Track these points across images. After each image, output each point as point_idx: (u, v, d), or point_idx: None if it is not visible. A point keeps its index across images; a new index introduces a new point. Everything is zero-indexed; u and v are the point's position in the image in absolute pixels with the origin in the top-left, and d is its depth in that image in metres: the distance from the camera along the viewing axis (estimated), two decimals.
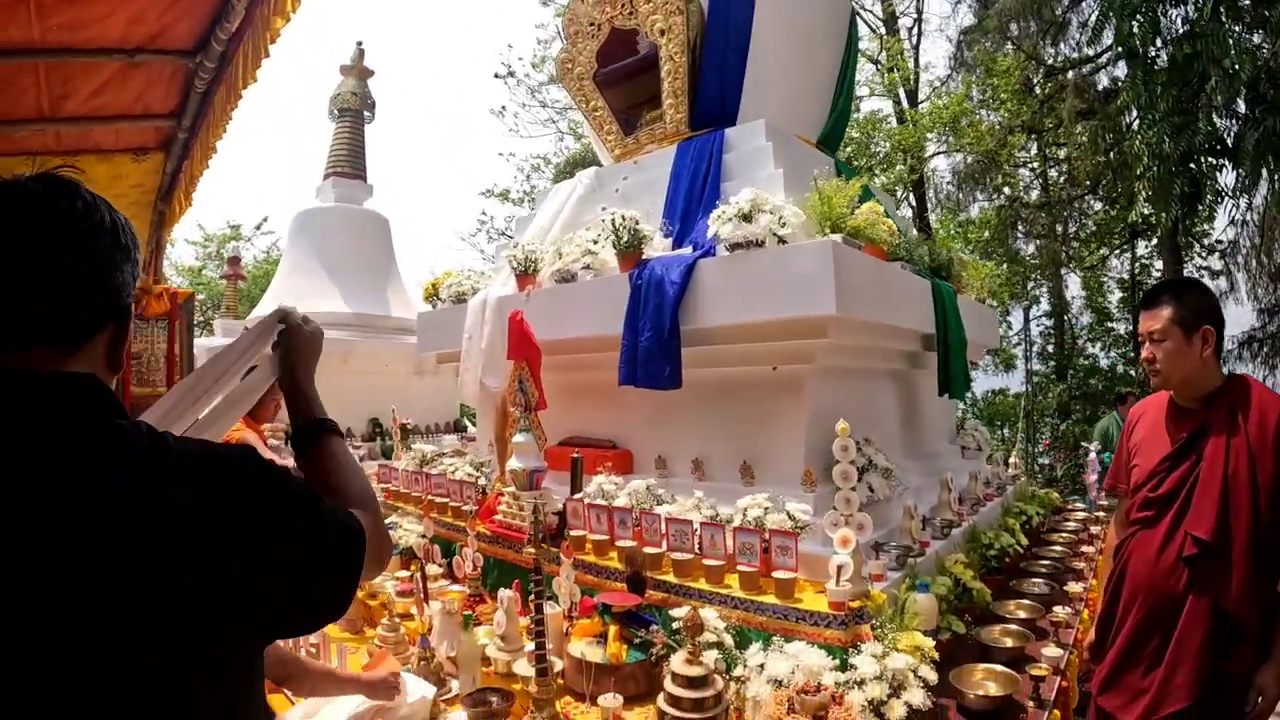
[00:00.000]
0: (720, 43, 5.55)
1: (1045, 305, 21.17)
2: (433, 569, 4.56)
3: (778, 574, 3.26)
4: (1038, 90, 17.82)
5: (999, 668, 3.25)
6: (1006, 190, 19.22)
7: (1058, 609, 3.88)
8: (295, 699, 3.48)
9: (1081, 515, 6.22)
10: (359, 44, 14.21)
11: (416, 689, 3.21)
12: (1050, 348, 21.06)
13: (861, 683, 2.71)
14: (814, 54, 6.08)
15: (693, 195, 5.09)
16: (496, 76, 22.20)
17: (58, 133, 5.08)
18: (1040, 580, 4.56)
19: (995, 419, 20.61)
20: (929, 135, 18.58)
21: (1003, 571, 4.60)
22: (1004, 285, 18.65)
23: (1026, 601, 4.10)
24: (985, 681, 3.19)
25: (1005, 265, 18.67)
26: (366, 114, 14.32)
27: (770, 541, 3.35)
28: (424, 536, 4.74)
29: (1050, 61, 17.20)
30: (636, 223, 4.76)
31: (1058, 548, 5.31)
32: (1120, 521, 3.36)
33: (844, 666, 2.83)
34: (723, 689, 2.78)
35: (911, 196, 19.70)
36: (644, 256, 4.73)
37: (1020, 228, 18.81)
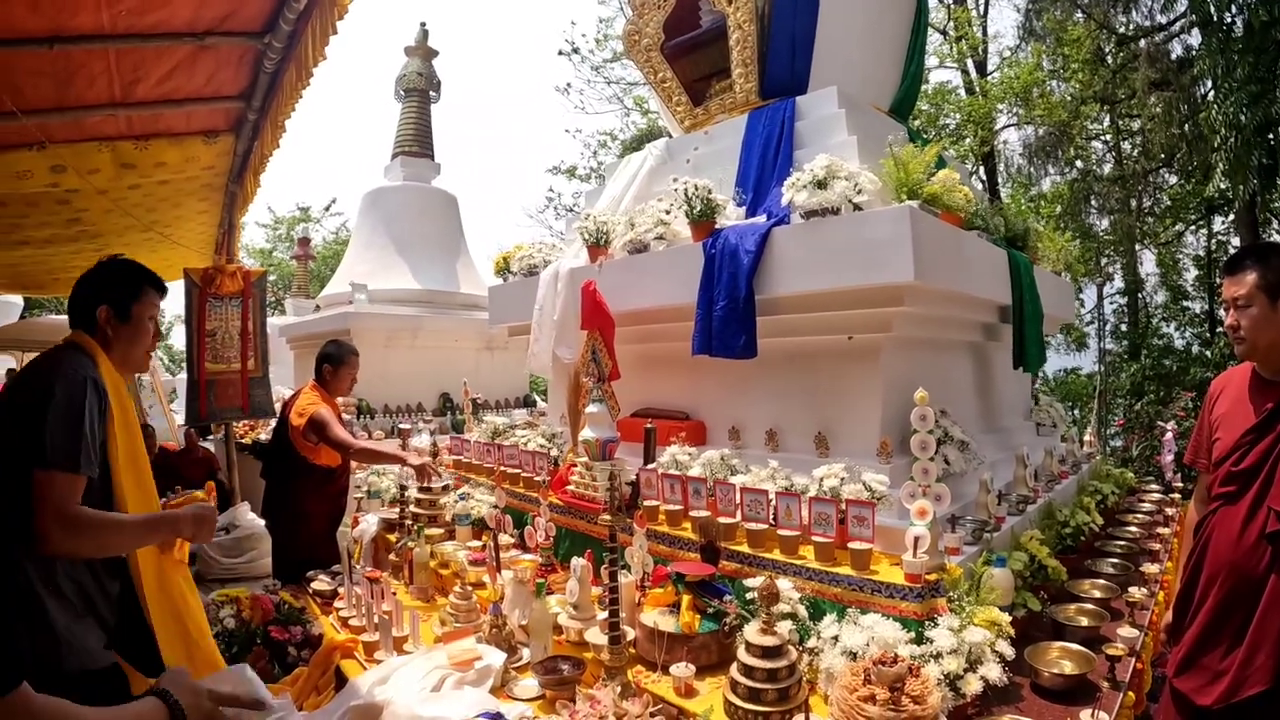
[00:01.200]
0: (789, 10, 5.47)
1: (1119, 282, 20.73)
2: (505, 539, 4.59)
3: (854, 545, 3.23)
4: (1109, 60, 17.39)
5: (1075, 646, 3.23)
6: (1079, 164, 18.81)
7: (1133, 589, 3.81)
8: (367, 664, 3.55)
9: (1157, 496, 6.09)
10: (423, 25, 14.34)
11: (488, 656, 3.25)
12: (1124, 326, 20.62)
13: (938, 656, 2.68)
14: (884, 20, 5.98)
15: (765, 164, 5.05)
16: (560, 54, 22.16)
17: (129, 117, 5.18)
18: (1115, 560, 4.50)
19: (1067, 398, 20.26)
20: (999, 107, 18.22)
21: (1077, 550, 4.53)
22: (1077, 261, 18.30)
23: (1102, 581, 4.04)
24: (1061, 660, 3.17)
25: (1078, 241, 18.30)
26: (432, 94, 14.45)
27: (847, 512, 3.32)
28: (496, 507, 4.79)
29: (1122, 30, 16.76)
30: (709, 192, 4.73)
31: (1133, 528, 5.21)
32: (1200, 498, 3.24)
33: (919, 640, 2.80)
34: (796, 659, 2.75)
35: (982, 170, 19.36)
36: (717, 226, 4.72)
37: (1093, 202, 18.43)
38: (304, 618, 4.28)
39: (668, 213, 5.04)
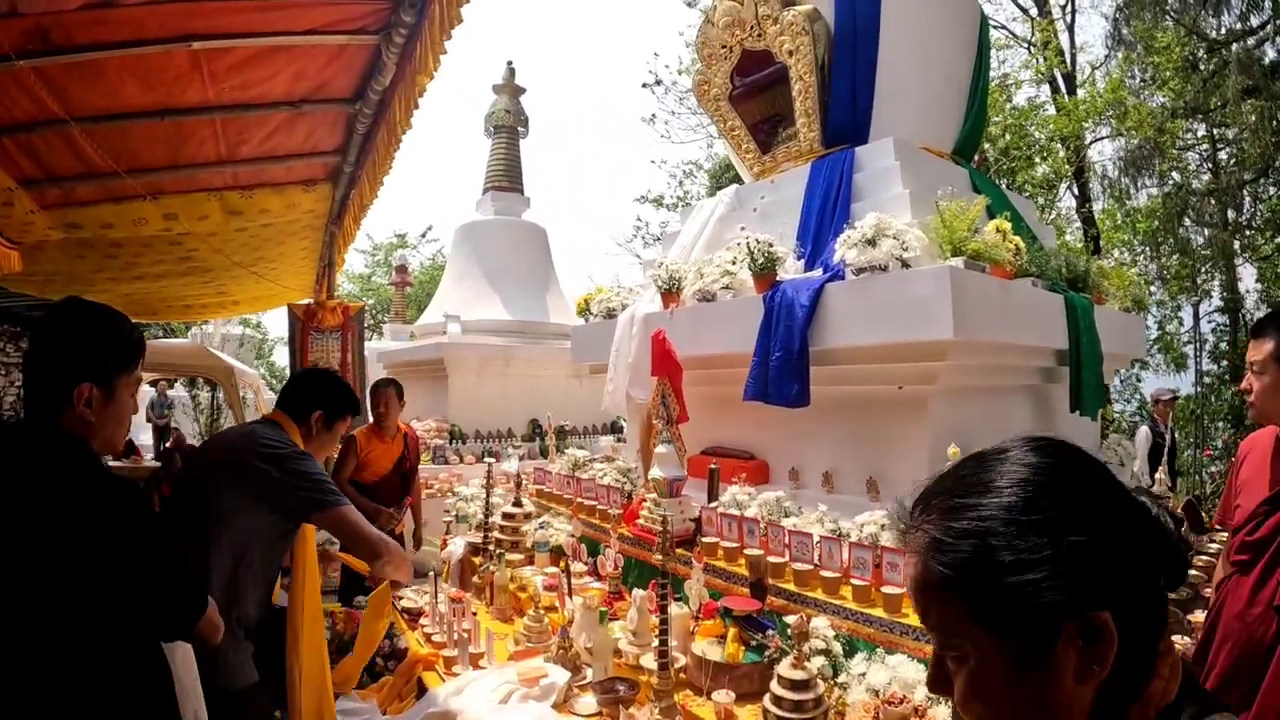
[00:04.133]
0: (848, 60, 5.67)
1: (1218, 300, 20.02)
2: (578, 567, 4.95)
3: (887, 589, 3.45)
4: (1201, 68, 16.87)
5: None
6: (1176, 176, 18.22)
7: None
8: (446, 676, 3.92)
9: (1226, 536, 5.91)
10: (509, 64, 14.81)
11: (554, 674, 3.61)
12: (1223, 346, 19.91)
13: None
14: (944, 65, 6.10)
15: (824, 217, 5.25)
16: (644, 86, 22.33)
17: (235, 172, 5.62)
18: None
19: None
20: (1085, 124, 17.79)
21: None
22: (1174, 278, 17.82)
23: None
24: None
25: (1175, 257, 17.83)
26: (520, 130, 14.91)
27: (882, 557, 3.55)
28: (572, 536, 5.12)
29: (1213, 35, 16.26)
30: (771, 246, 4.97)
31: (1192, 573, 4.85)
32: (1225, 557, 3.19)
33: None
34: (824, 693, 3.01)
35: (1075, 185, 18.94)
36: (778, 278, 4.94)
37: (1189, 215, 17.82)
38: (392, 631, 4.65)
39: (733, 263, 5.27)
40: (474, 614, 4.44)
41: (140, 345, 2.34)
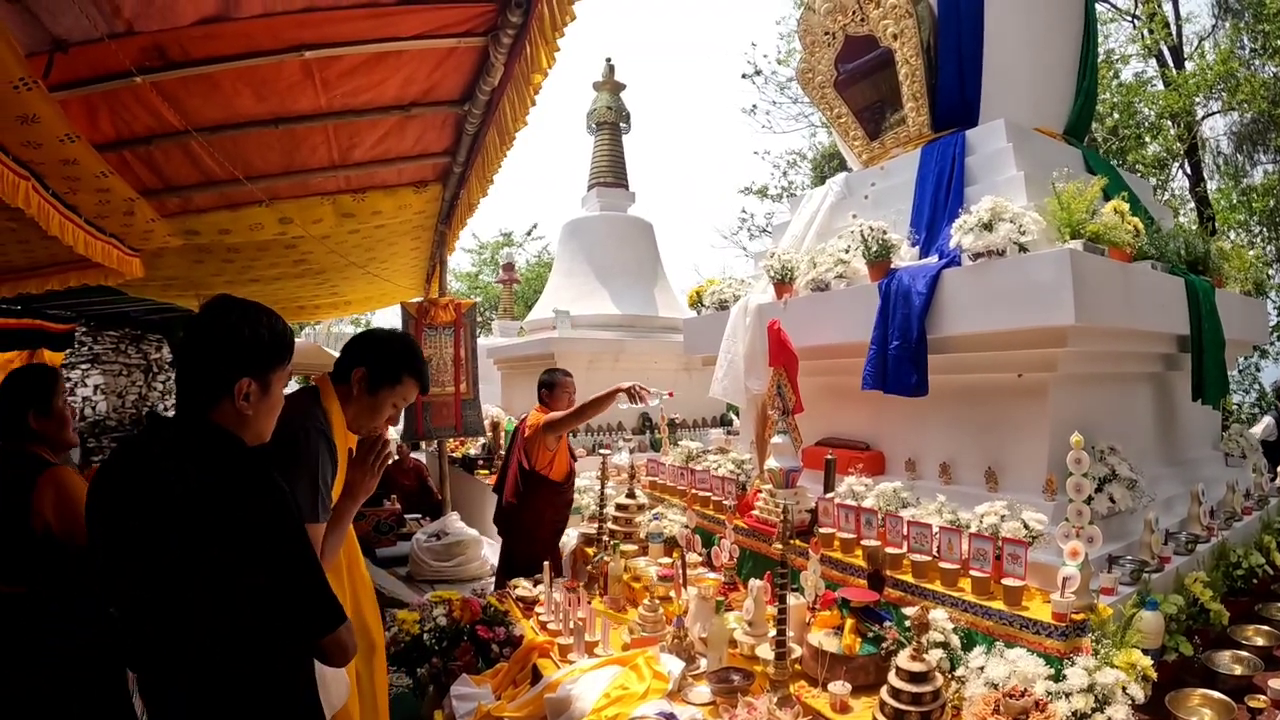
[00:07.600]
0: (954, 41, 5.55)
1: None
2: (693, 557, 4.96)
3: (1007, 581, 3.38)
4: None
5: (1216, 694, 3.16)
6: None
7: None
8: (560, 663, 3.96)
9: None
10: (609, 60, 14.88)
11: (669, 664, 3.65)
12: None
13: (1069, 694, 2.79)
14: (1051, 41, 5.90)
15: (937, 202, 5.15)
16: (744, 77, 22.25)
17: (347, 176, 5.79)
18: None
19: None
20: (1196, 99, 16.91)
21: (1250, 593, 4.30)
22: None
23: (1266, 628, 3.85)
24: (1201, 708, 3.12)
25: None
26: (622, 125, 15.00)
27: (1003, 549, 3.47)
28: (686, 527, 5.15)
29: None
30: (885, 233, 4.89)
31: None
32: None
33: (1059, 677, 2.91)
34: (942, 686, 2.96)
35: (1186, 164, 18.14)
36: (892, 266, 4.87)
37: None
38: (507, 620, 4.76)
39: (846, 252, 5.22)
40: (589, 603, 4.51)
41: (291, 340, 2.35)
